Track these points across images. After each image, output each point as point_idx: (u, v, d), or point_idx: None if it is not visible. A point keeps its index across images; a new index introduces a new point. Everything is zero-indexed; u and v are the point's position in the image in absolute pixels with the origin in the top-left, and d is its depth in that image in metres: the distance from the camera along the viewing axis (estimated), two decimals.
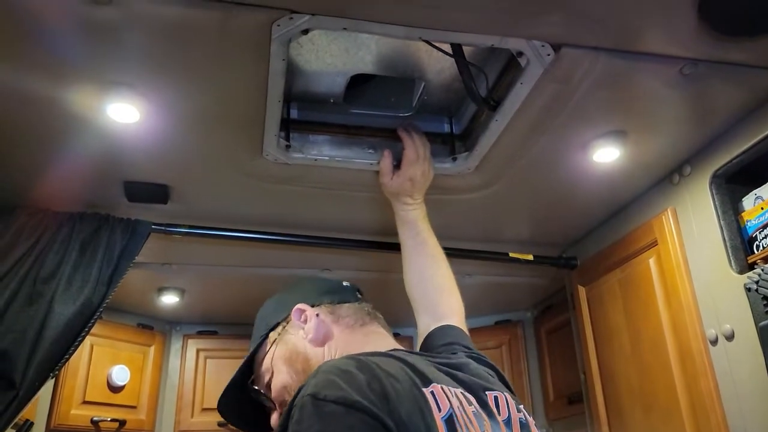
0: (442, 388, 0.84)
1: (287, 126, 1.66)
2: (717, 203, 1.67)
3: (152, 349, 2.98)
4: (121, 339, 2.86)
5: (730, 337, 1.58)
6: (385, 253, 2.16)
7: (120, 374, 2.76)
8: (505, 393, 0.98)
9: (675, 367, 1.74)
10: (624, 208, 2.05)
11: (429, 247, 1.53)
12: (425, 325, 1.39)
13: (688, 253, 1.76)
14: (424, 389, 0.81)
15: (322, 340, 1.14)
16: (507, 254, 2.22)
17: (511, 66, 1.46)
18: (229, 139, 1.60)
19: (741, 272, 1.58)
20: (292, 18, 1.20)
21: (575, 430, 2.48)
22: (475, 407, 0.87)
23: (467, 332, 1.36)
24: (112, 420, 2.71)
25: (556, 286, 2.62)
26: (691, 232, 1.75)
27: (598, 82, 1.41)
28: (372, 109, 1.71)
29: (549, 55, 1.32)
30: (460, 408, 0.83)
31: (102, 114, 1.43)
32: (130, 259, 1.87)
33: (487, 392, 0.94)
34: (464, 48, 1.42)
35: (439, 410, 0.80)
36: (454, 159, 1.74)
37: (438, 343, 1.29)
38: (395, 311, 2.90)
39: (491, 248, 2.23)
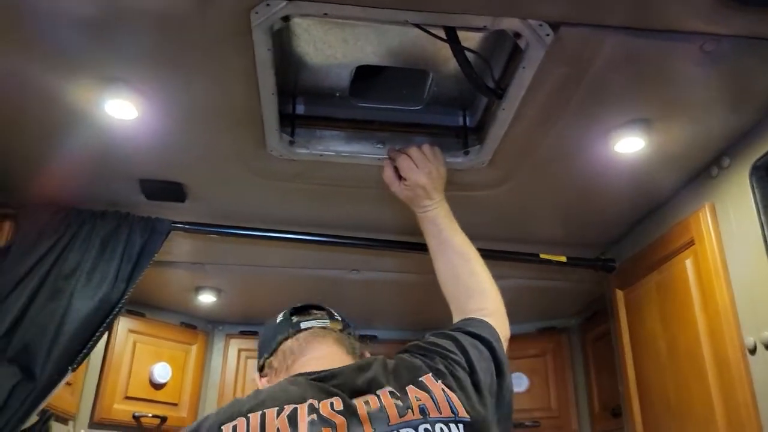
0: (261, 415, 0.93)
1: (293, 121, 1.63)
2: (758, 197, 1.50)
3: (194, 347, 3.03)
4: (164, 337, 2.92)
5: None
6: (412, 254, 2.10)
7: (162, 371, 2.82)
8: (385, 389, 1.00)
9: (711, 377, 1.59)
10: (662, 205, 1.89)
11: (454, 245, 1.43)
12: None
13: (726, 253, 1.60)
14: (223, 426, 0.93)
15: None
16: (537, 255, 2.09)
17: (516, 52, 1.37)
18: (231, 136, 1.58)
19: None
20: (268, 5, 1.16)
21: None
22: (322, 414, 0.94)
23: (495, 326, 1.23)
24: (154, 416, 2.77)
25: (603, 291, 2.45)
26: (730, 229, 1.59)
27: (609, 64, 1.30)
28: (380, 102, 1.66)
29: (548, 35, 1.23)
30: (283, 425, 0.92)
31: (100, 110, 1.45)
32: (150, 256, 1.90)
33: (356, 399, 0.98)
34: (472, 38, 1.35)
35: None
36: (467, 153, 1.66)
37: None
38: (421, 312, 2.83)
39: (522, 249, 2.11)
